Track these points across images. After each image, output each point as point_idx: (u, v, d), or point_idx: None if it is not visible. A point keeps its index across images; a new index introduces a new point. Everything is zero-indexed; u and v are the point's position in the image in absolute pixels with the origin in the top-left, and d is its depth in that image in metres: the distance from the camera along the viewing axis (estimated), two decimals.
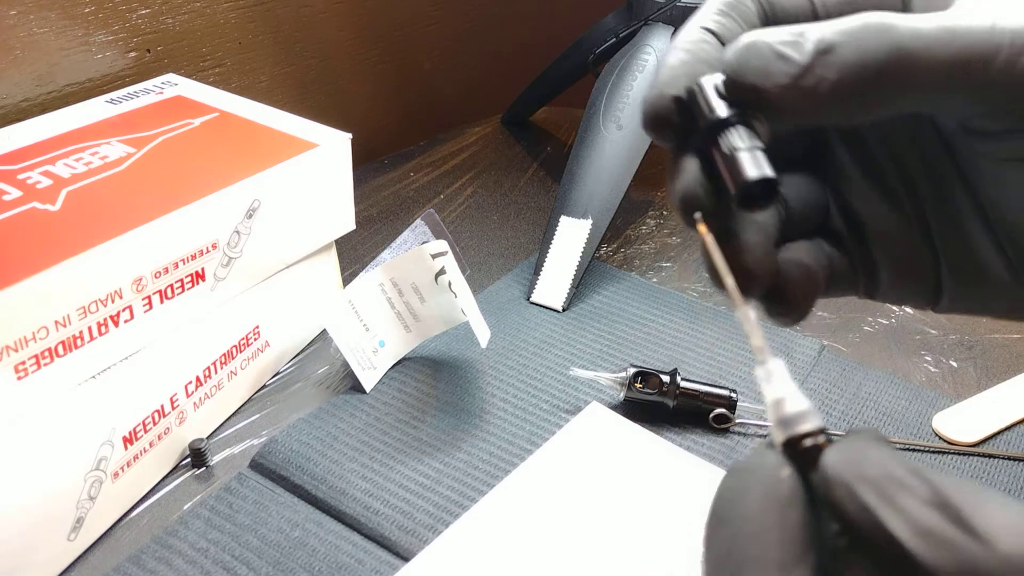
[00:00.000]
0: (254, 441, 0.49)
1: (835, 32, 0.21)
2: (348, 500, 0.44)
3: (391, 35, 0.84)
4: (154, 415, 0.44)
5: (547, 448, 0.46)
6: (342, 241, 0.57)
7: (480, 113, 0.91)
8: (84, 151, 0.47)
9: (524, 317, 0.59)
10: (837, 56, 0.20)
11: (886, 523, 0.16)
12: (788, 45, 0.21)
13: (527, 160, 0.83)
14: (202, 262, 0.45)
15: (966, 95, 0.21)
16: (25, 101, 0.57)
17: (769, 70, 0.21)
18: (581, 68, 0.75)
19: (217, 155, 0.48)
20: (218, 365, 0.48)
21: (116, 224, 0.40)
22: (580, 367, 0.52)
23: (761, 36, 0.21)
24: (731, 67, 0.21)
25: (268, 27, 0.72)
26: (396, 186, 0.77)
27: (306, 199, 0.51)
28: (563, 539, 0.41)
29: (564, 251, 0.61)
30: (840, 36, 0.21)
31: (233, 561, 0.41)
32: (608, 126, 0.63)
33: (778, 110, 0.21)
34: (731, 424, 0.49)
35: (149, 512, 0.44)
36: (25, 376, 0.37)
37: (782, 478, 0.18)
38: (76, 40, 0.59)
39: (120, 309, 0.41)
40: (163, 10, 0.63)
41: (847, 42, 0.20)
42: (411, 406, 0.51)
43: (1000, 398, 0.52)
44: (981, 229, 0.24)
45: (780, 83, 0.21)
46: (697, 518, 0.42)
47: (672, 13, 0.67)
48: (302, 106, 0.77)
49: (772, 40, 0.21)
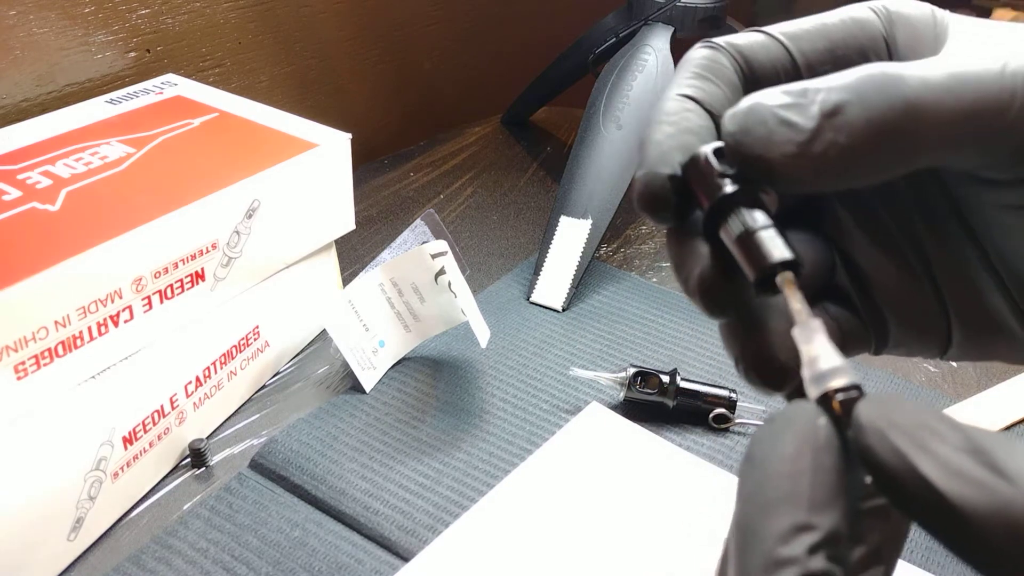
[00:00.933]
0: (254, 441, 0.49)
1: (840, 90, 0.19)
2: (348, 500, 0.44)
3: (391, 35, 0.84)
4: (154, 415, 0.44)
5: (547, 448, 0.46)
6: (342, 241, 0.57)
7: (480, 113, 0.91)
8: (84, 151, 0.47)
9: (524, 317, 0.59)
10: (845, 118, 0.19)
11: (919, 467, 0.16)
12: (791, 109, 0.20)
13: (527, 160, 0.83)
14: (202, 262, 0.45)
15: (978, 145, 0.20)
16: (25, 101, 0.57)
17: (774, 139, 0.19)
18: (581, 68, 0.75)
19: (217, 155, 0.48)
20: (218, 365, 0.48)
21: (116, 224, 0.40)
22: (580, 367, 0.52)
23: (761, 100, 0.20)
24: (732, 137, 0.20)
25: (268, 27, 0.72)
26: (396, 186, 0.77)
27: (306, 199, 0.51)
28: (563, 539, 0.41)
29: (564, 251, 0.61)
30: (846, 94, 0.19)
31: (233, 561, 0.41)
32: (608, 126, 0.63)
33: (786, 180, 0.20)
34: (731, 424, 0.49)
35: (149, 512, 0.44)
36: (25, 376, 0.37)
37: (818, 426, 0.18)
38: (76, 40, 0.59)
39: (120, 309, 0.41)
40: (163, 10, 0.63)
41: (854, 100, 0.19)
42: (411, 406, 0.51)
43: (1000, 398, 0.52)
44: (989, 279, 0.23)
45: (787, 152, 0.19)
46: (697, 518, 0.42)
47: (672, 13, 0.67)
48: (302, 106, 0.77)
49: (774, 104, 0.20)
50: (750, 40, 0.23)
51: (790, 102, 0.20)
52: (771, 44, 0.23)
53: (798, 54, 0.23)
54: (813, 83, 0.20)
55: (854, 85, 0.19)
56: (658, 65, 0.65)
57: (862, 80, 0.19)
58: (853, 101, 0.19)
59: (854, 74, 0.20)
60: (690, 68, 0.23)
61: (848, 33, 0.23)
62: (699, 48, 0.23)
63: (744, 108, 0.20)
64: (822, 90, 0.19)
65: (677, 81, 0.23)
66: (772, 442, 0.18)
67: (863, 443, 0.17)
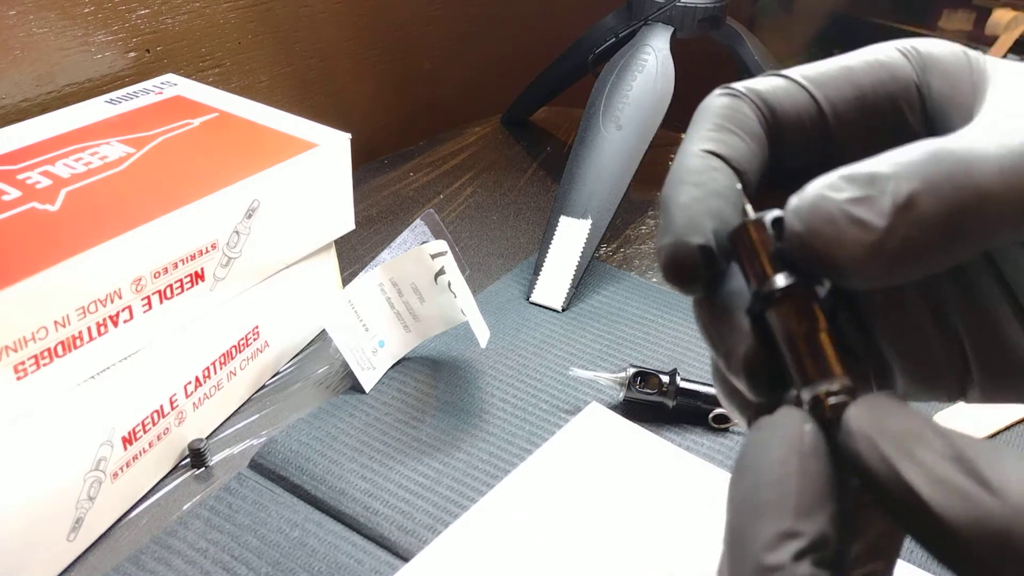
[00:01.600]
0: (253, 441, 0.49)
1: (909, 178, 0.18)
2: (348, 500, 0.44)
3: (391, 35, 0.84)
4: (153, 415, 0.44)
5: (547, 448, 0.46)
6: (342, 241, 0.57)
7: (480, 113, 0.91)
8: (84, 151, 0.47)
9: (524, 317, 0.59)
10: (920, 212, 0.18)
11: (904, 474, 0.16)
12: (861, 204, 0.18)
13: (527, 160, 0.83)
14: (201, 262, 0.45)
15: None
16: (25, 101, 0.57)
17: (844, 239, 0.18)
18: (581, 68, 0.75)
19: (217, 155, 0.48)
20: (217, 365, 0.48)
21: (115, 224, 0.40)
22: (580, 367, 0.52)
23: (826, 193, 0.18)
24: (799, 237, 0.19)
25: (268, 27, 0.72)
26: (396, 186, 0.77)
27: (306, 199, 0.51)
28: (563, 539, 0.41)
29: (564, 251, 0.61)
30: (917, 183, 0.18)
31: (232, 561, 0.41)
32: (608, 126, 0.63)
33: (853, 279, 0.18)
34: (731, 424, 0.49)
35: (148, 512, 0.44)
36: (24, 376, 0.37)
37: (805, 431, 0.18)
38: (76, 40, 0.59)
39: (119, 309, 0.41)
40: (162, 10, 0.63)
41: (926, 191, 0.18)
42: (411, 406, 0.51)
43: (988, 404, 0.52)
44: (1012, 317, 0.22)
45: (858, 253, 0.18)
46: (697, 518, 0.42)
47: (672, 13, 0.67)
48: (302, 106, 0.77)
49: (841, 200, 0.18)
50: (772, 86, 0.22)
51: (859, 195, 0.18)
52: (795, 90, 0.22)
53: (824, 101, 0.22)
54: (878, 167, 0.18)
55: (922, 171, 0.18)
56: (658, 65, 0.65)
57: (928, 163, 0.18)
58: (925, 191, 0.18)
59: (917, 153, 0.18)
60: (711, 119, 0.21)
61: (876, 79, 0.22)
62: (718, 96, 0.22)
63: (809, 203, 0.19)
64: (891, 178, 0.18)
65: (698, 134, 0.21)
66: (759, 449, 0.18)
67: (852, 449, 0.17)
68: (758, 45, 0.74)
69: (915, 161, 0.18)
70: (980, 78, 0.22)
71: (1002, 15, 1.19)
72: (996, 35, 1.18)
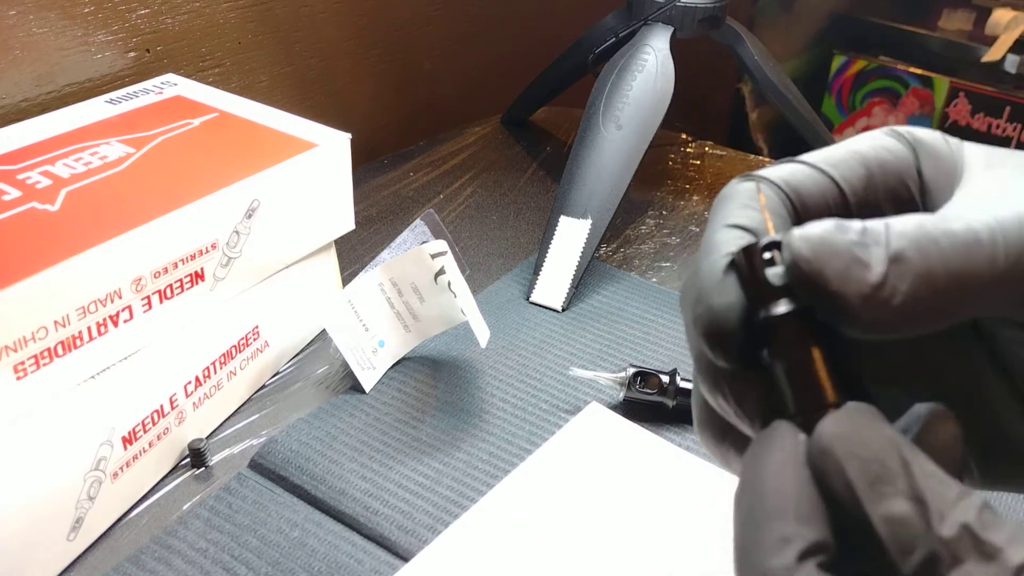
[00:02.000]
0: (253, 441, 0.49)
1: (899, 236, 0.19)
2: (347, 500, 0.44)
3: (391, 35, 0.84)
4: (153, 415, 0.44)
5: (547, 448, 0.46)
6: (342, 241, 0.57)
7: (480, 113, 0.91)
8: (83, 151, 0.47)
9: (524, 317, 0.59)
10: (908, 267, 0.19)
11: (865, 506, 0.17)
12: (862, 248, 0.19)
13: (527, 160, 0.83)
14: (201, 262, 0.45)
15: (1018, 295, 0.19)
16: (25, 101, 0.57)
17: (850, 273, 0.18)
18: (581, 68, 0.75)
19: (216, 155, 0.48)
20: (217, 365, 0.48)
21: (115, 224, 0.40)
22: (580, 367, 0.52)
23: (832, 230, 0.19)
24: (808, 264, 0.19)
25: (268, 27, 0.72)
26: (396, 186, 0.77)
27: (305, 199, 0.51)
28: (563, 539, 0.41)
29: (564, 251, 0.61)
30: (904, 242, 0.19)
31: (232, 561, 0.41)
32: (608, 126, 0.63)
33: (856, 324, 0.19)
34: None
35: (148, 512, 0.44)
36: (24, 376, 0.37)
37: (800, 440, 0.19)
38: (76, 40, 0.59)
39: (119, 309, 0.41)
40: (162, 10, 0.63)
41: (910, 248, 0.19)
42: (411, 406, 0.51)
43: None
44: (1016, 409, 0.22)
45: (863, 289, 0.18)
46: (696, 518, 0.42)
47: (672, 13, 0.67)
48: (302, 106, 0.77)
49: (847, 240, 0.19)
50: (792, 170, 0.22)
51: (859, 240, 0.19)
52: (815, 174, 0.22)
53: (844, 183, 0.22)
54: (870, 223, 0.19)
55: (911, 234, 0.19)
56: (658, 65, 0.65)
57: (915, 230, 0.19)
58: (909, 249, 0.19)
59: (906, 219, 0.19)
60: (737, 200, 0.22)
61: (882, 160, 0.22)
62: (740, 182, 0.22)
63: (818, 236, 0.19)
64: (883, 233, 0.19)
65: (723, 215, 0.22)
66: (757, 462, 0.19)
67: (819, 468, 0.18)
68: (758, 45, 0.74)
69: (904, 223, 0.19)
70: (958, 161, 0.23)
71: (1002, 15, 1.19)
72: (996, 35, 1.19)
